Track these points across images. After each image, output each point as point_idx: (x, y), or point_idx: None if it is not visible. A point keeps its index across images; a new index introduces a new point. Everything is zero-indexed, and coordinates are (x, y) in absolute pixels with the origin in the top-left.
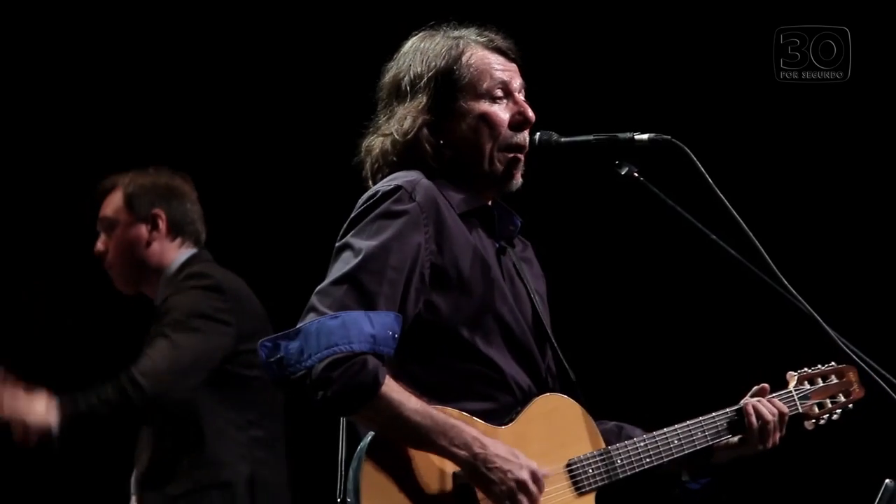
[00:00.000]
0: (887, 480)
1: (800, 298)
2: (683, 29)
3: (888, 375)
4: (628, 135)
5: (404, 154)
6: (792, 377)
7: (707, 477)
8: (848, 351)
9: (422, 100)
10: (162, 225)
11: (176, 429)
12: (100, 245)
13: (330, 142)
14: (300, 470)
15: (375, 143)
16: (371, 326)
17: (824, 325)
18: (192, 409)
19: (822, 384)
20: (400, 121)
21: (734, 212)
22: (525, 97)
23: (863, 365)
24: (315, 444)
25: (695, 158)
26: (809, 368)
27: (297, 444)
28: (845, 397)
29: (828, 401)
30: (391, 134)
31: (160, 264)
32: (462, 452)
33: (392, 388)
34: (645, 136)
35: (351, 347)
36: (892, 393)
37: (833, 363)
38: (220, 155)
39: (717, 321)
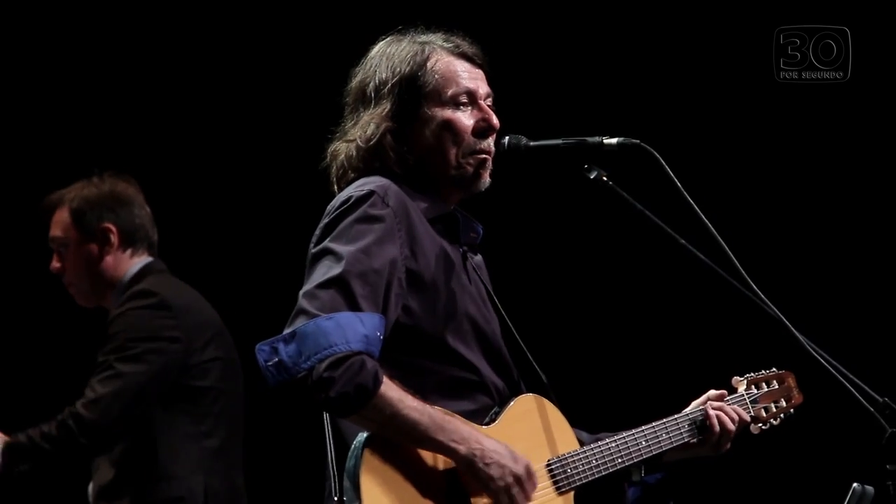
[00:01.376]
0: (855, 484)
1: (767, 302)
2: (684, 29)
3: (855, 379)
4: (597, 139)
5: (368, 160)
6: (739, 382)
7: (658, 474)
8: (816, 355)
9: (386, 106)
10: (113, 238)
11: (129, 443)
12: (55, 263)
13: (294, 145)
14: (279, 474)
15: (340, 148)
16: (363, 327)
17: (791, 328)
18: (146, 424)
19: (766, 389)
20: (364, 127)
21: (702, 215)
22: (492, 104)
23: (831, 369)
24: (291, 446)
25: (663, 162)
26: (754, 373)
27: (276, 447)
28: (786, 402)
29: (772, 405)
30: (355, 140)
31: (114, 277)
32: (461, 448)
33: (390, 387)
34: (614, 140)
35: (349, 347)
36: (859, 397)
37: (774, 368)
38: (183, 159)
39: (684, 324)
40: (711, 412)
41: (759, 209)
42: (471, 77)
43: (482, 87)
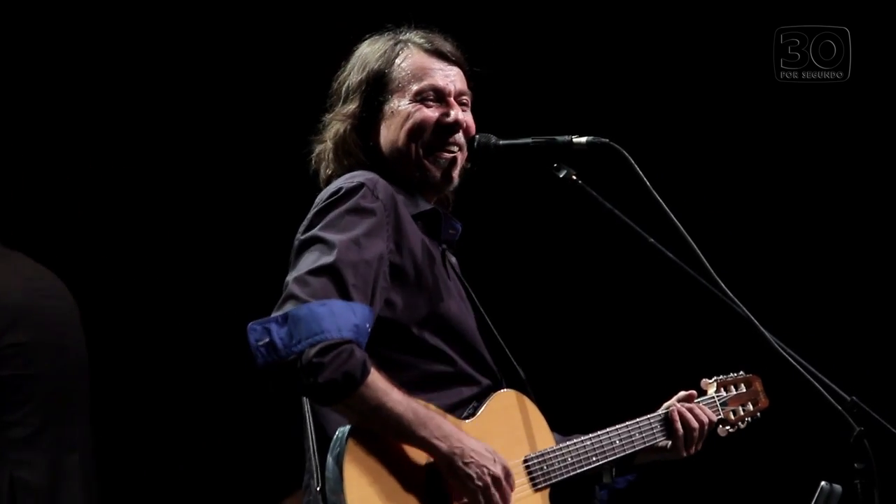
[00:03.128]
0: (823, 482)
1: (736, 301)
2: (684, 29)
3: (823, 378)
4: (566, 138)
5: (338, 158)
6: (709, 384)
7: (629, 476)
8: (785, 354)
9: (352, 103)
10: None
11: None
12: None
13: (275, 135)
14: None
15: (320, 150)
16: (355, 316)
17: (760, 327)
18: None
19: (735, 392)
20: (332, 126)
21: (670, 213)
22: (467, 102)
23: (800, 369)
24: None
25: (632, 161)
26: (723, 375)
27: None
28: (753, 406)
29: (740, 408)
30: (327, 140)
31: None
32: (442, 445)
33: (377, 378)
34: (583, 139)
35: (341, 335)
36: (827, 396)
37: (742, 372)
38: (166, 147)
39: (655, 324)
40: (682, 413)
41: (758, 209)
42: (442, 74)
43: (453, 85)
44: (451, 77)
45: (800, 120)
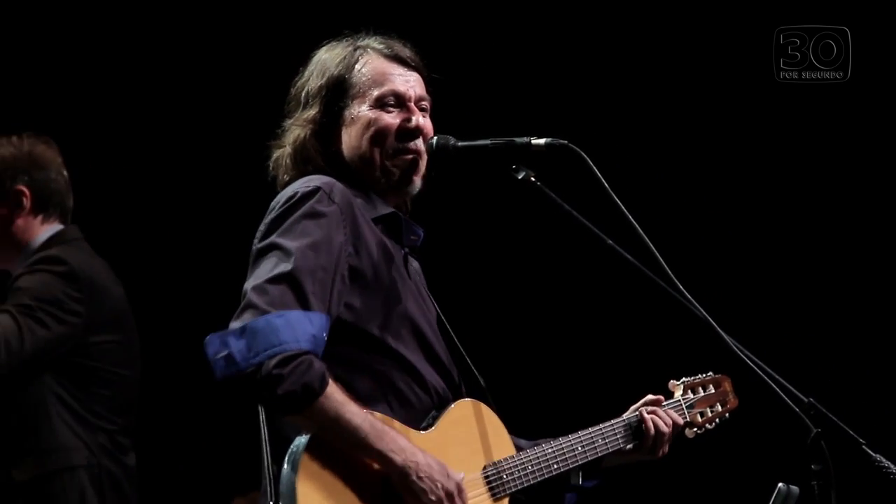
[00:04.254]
0: (780, 483)
1: (693, 302)
2: (684, 29)
3: (781, 380)
4: (525, 139)
5: (297, 163)
6: (676, 387)
7: (597, 478)
8: (742, 356)
9: (312, 109)
10: (26, 202)
11: (18, 412)
12: None
13: (237, 138)
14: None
15: (279, 155)
16: (312, 326)
17: (718, 329)
18: (36, 395)
19: (703, 394)
20: (292, 131)
21: (629, 215)
22: (427, 108)
23: (758, 371)
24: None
25: (591, 163)
26: (690, 378)
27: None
28: (722, 407)
29: (708, 410)
30: (286, 145)
31: (23, 241)
32: (397, 458)
33: (335, 390)
34: (542, 141)
35: (299, 346)
36: (784, 397)
37: (710, 373)
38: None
39: (622, 327)
40: (646, 417)
41: (758, 208)
42: (402, 79)
43: (413, 90)
44: (410, 82)
45: (800, 120)
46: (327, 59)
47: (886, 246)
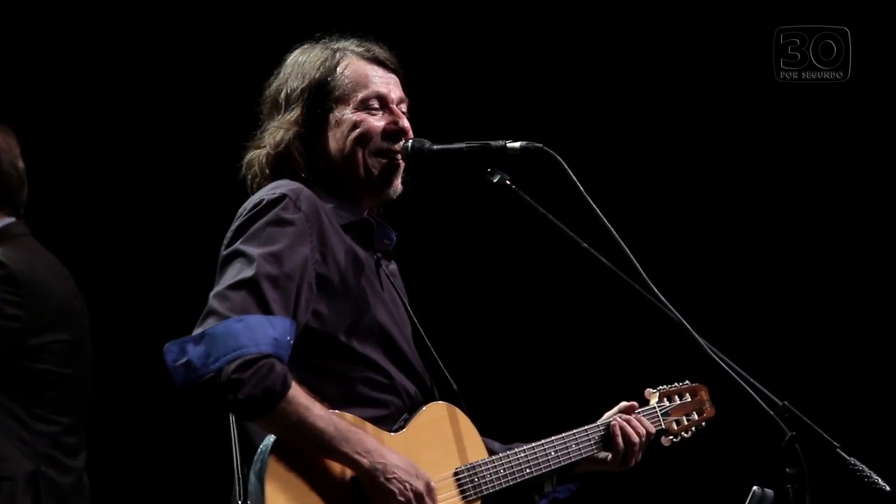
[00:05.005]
0: (754, 487)
1: (668, 305)
2: (684, 29)
3: (755, 382)
4: (500, 143)
5: (276, 166)
6: (652, 394)
7: (571, 485)
8: (717, 358)
9: (296, 112)
10: None
11: None
12: None
13: (209, 144)
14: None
15: (254, 156)
16: (273, 330)
17: (693, 332)
18: None
19: (679, 402)
20: (273, 134)
21: (604, 219)
22: (406, 110)
23: (732, 374)
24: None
25: (566, 166)
26: (666, 386)
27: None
28: (699, 415)
29: (684, 418)
30: (265, 147)
31: None
32: (364, 460)
33: (298, 393)
34: (517, 144)
35: (259, 349)
36: (759, 401)
37: (687, 381)
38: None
39: (589, 330)
40: (620, 425)
41: (757, 208)
42: (383, 82)
43: (394, 92)
44: (391, 84)
45: (800, 120)
46: (305, 62)
47: (884, 246)
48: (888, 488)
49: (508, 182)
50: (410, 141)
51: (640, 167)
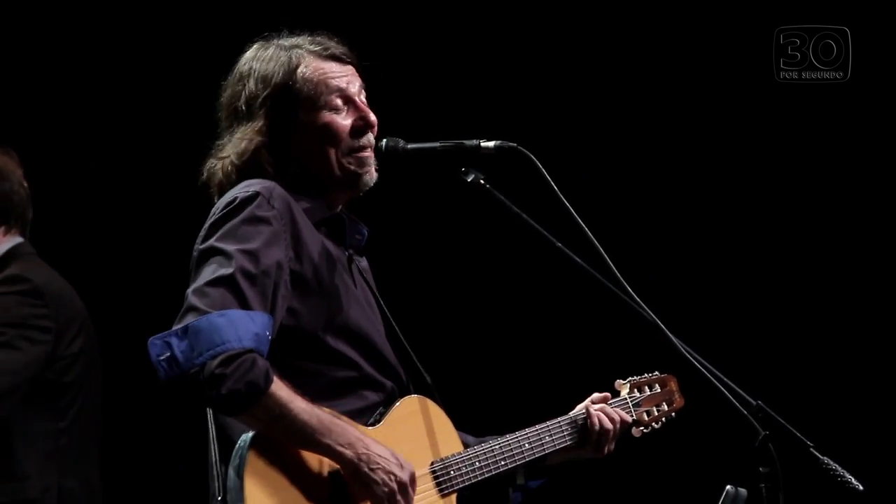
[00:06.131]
0: (728, 486)
1: (642, 304)
2: (684, 29)
3: (729, 382)
4: (474, 142)
5: (244, 176)
6: (622, 385)
7: (542, 478)
8: (691, 358)
9: (259, 120)
10: None
11: None
12: None
13: (178, 142)
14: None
15: (216, 165)
16: (254, 325)
17: (667, 331)
18: (2, 418)
19: (649, 392)
20: (237, 144)
21: (578, 218)
22: (365, 95)
23: (706, 373)
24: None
25: (539, 165)
26: (637, 377)
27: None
28: (668, 406)
29: (654, 409)
30: (229, 156)
31: None
32: (347, 452)
33: (280, 387)
34: (491, 144)
35: (241, 344)
36: (733, 400)
37: (656, 372)
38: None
39: (562, 326)
40: (592, 413)
41: (757, 208)
42: (342, 77)
43: (354, 85)
44: (349, 77)
45: (800, 120)
46: (260, 66)
47: (883, 246)
48: (861, 487)
49: (482, 181)
50: (384, 140)
51: (639, 167)
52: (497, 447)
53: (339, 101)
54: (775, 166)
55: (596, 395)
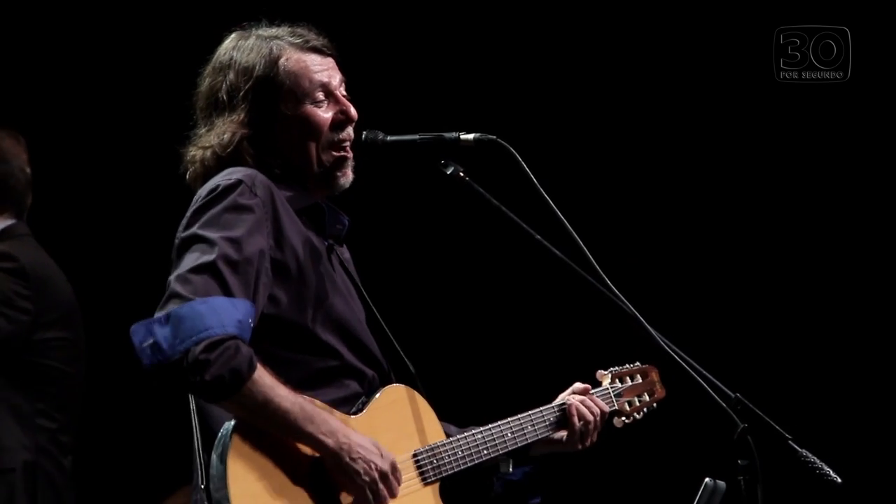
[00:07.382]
0: (707, 479)
1: (621, 297)
2: (684, 29)
3: (708, 375)
4: (454, 134)
5: (225, 165)
6: (604, 376)
7: (525, 467)
8: (670, 351)
9: (241, 112)
10: None
11: None
12: None
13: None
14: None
15: (197, 154)
16: (237, 311)
17: (646, 324)
18: None
19: (630, 383)
20: (219, 135)
21: (558, 211)
22: (346, 90)
23: (685, 366)
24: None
25: (519, 158)
26: (618, 367)
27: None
28: (650, 396)
29: (636, 399)
30: (211, 147)
31: None
32: (329, 441)
33: (263, 374)
34: (470, 136)
35: (225, 330)
36: (712, 393)
37: (638, 363)
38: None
39: (542, 317)
40: (573, 404)
41: (757, 208)
42: (323, 70)
43: (335, 78)
44: (330, 70)
45: (800, 120)
46: (241, 57)
47: (881, 246)
48: (839, 480)
49: (462, 174)
50: (364, 132)
51: (628, 163)
52: (479, 436)
53: (320, 94)
54: (775, 166)
55: (577, 386)
